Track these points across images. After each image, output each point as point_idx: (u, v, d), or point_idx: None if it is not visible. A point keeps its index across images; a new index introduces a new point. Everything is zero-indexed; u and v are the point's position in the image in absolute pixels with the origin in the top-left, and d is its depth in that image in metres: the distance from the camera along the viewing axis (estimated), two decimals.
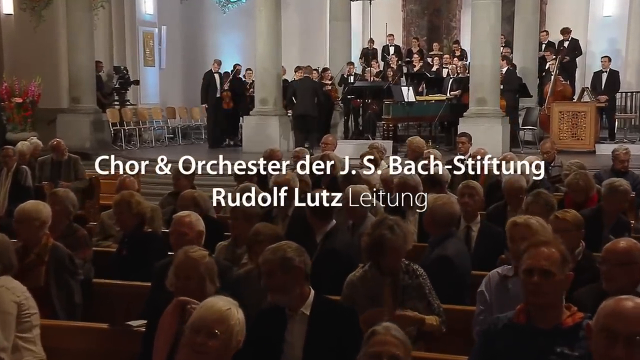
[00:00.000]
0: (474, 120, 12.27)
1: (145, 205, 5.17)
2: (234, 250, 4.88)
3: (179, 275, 3.47)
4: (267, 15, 13.76)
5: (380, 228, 3.72)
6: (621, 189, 5.62)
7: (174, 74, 17.97)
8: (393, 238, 3.68)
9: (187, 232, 4.30)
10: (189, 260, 3.48)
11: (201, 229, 4.37)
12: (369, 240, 3.75)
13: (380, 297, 3.70)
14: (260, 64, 13.99)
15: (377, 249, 3.70)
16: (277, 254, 3.40)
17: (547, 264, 2.86)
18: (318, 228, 4.89)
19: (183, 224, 4.34)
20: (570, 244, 4.27)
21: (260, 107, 14.07)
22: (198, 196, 5.68)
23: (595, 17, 17.81)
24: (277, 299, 3.39)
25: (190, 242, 4.15)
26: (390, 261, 3.72)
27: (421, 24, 20.16)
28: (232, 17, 18.64)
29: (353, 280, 3.84)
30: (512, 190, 5.92)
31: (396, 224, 3.74)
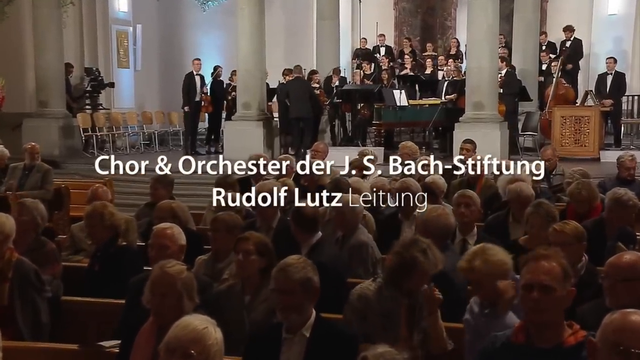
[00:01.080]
0: (470, 126, 12.32)
1: (119, 217, 5.16)
2: (214, 265, 4.89)
3: (155, 292, 3.47)
4: (250, 13, 13.79)
5: (412, 249, 3.73)
6: (630, 203, 5.57)
7: (150, 76, 17.95)
8: (425, 262, 3.70)
9: (169, 244, 4.31)
10: (165, 276, 3.49)
11: (183, 242, 4.39)
12: (398, 260, 3.75)
13: (394, 317, 3.72)
14: (242, 65, 14.01)
15: (405, 271, 3.71)
16: (299, 273, 3.42)
17: (547, 279, 2.88)
18: (303, 241, 4.91)
19: (164, 236, 4.35)
20: (572, 258, 4.29)
21: (242, 112, 14.07)
22: (176, 207, 5.68)
23: (600, 15, 17.91)
24: (290, 319, 3.40)
25: (171, 255, 4.15)
26: (415, 284, 3.74)
27: (414, 23, 20.26)
28: (212, 16, 18.66)
29: (367, 294, 3.84)
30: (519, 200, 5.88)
31: (429, 248, 3.77)
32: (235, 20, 14.23)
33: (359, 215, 5.48)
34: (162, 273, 3.51)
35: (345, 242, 5.34)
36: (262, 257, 4.08)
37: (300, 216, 4.94)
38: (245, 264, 4.09)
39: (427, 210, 4.76)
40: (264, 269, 4.06)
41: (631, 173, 8.21)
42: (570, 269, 3.01)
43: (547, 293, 2.86)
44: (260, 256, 4.08)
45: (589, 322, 2.64)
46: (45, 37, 14.33)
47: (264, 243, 4.20)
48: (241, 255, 4.11)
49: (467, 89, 12.93)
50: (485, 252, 3.64)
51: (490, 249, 3.66)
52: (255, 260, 4.07)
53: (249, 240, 4.16)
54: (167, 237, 4.34)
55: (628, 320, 2.42)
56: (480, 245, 3.76)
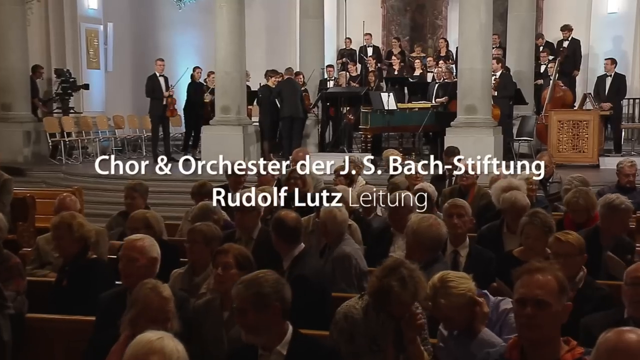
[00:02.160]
0: (462, 131, 12.40)
1: (89, 228, 5.14)
2: (191, 278, 4.89)
3: (145, 317, 3.50)
4: (229, 11, 13.80)
5: (390, 277, 3.69)
6: (622, 207, 5.62)
7: (122, 77, 17.92)
8: (401, 293, 3.66)
9: (138, 257, 4.28)
10: (162, 302, 3.52)
11: (155, 255, 4.37)
12: (375, 286, 3.74)
13: (381, 339, 3.74)
14: (221, 67, 14.01)
15: (382, 298, 3.71)
16: (250, 288, 3.39)
17: (542, 294, 2.89)
18: (285, 252, 4.92)
19: (134, 248, 4.33)
20: (571, 270, 4.34)
21: (221, 116, 14.08)
22: (151, 217, 5.67)
23: (599, 14, 18.07)
24: (251, 340, 3.40)
25: (140, 269, 4.15)
26: (396, 311, 3.73)
27: (403, 22, 20.36)
28: (188, 14, 18.67)
29: (354, 314, 3.84)
30: (513, 209, 5.91)
31: (409, 276, 3.68)
32: (213, 18, 14.23)
33: (343, 226, 5.49)
34: (159, 299, 3.55)
35: (330, 252, 5.36)
36: (243, 270, 4.07)
37: (282, 226, 4.94)
38: (224, 278, 4.09)
39: (416, 220, 4.76)
40: None
41: (630, 180, 8.29)
42: (567, 282, 3.02)
43: (541, 308, 2.87)
44: (241, 269, 4.08)
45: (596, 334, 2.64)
46: (8, 36, 14.27)
47: (244, 255, 4.20)
48: (220, 269, 4.12)
49: (459, 91, 12.99)
50: (446, 285, 3.58)
51: (450, 280, 3.60)
52: (235, 274, 4.06)
53: (228, 252, 4.16)
54: (135, 249, 4.32)
55: (623, 339, 2.44)
56: (438, 277, 3.66)
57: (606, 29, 17.91)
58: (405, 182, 8.22)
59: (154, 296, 3.56)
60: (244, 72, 14.46)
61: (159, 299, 3.55)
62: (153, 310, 3.51)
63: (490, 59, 13.18)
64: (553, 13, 18.42)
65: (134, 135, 17.22)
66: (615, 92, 13.81)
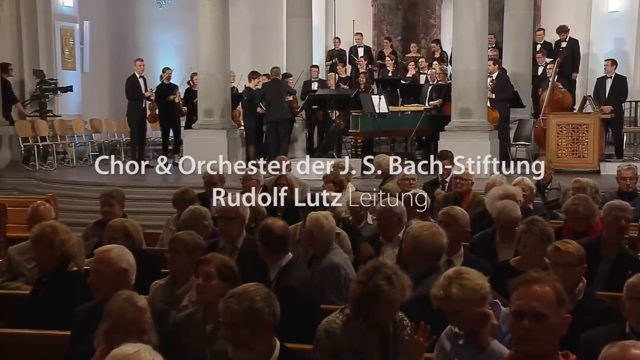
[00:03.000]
0: (456, 135, 12.44)
1: (72, 242, 5.09)
2: (172, 290, 4.88)
3: (119, 330, 3.49)
4: (212, 9, 13.82)
5: (375, 277, 3.76)
6: (624, 207, 5.67)
7: (99, 78, 17.88)
8: (390, 291, 3.73)
9: (104, 269, 4.25)
10: (136, 313, 3.50)
11: (124, 265, 4.32)
12: (360, 290, 3.78)
13: (366, 352, 3.76)
14: (204, 68, 14.02)
15: (369, 301, 3.75)
16: (242, 303, 3.39)
17: (539, 305, 2.91)
18: (272, 262, 4.92)
19: (100, 260, 4.30)
20: (571, 281, 4.36)
21: (204, 120, 14.08)
22: (129, 225, 5.66)
23: (599, 12, 18.14)
24: (240, 356, 3.39)
25: (109, 281, 4.13)
26: (382, 315, 3.78)
27: (395, 21, 20.41)
28: (170, 12, 18.67)
29: (335, 329, 3.85)
30: (501, 219, 5.96)
31: (394, 274, 3.79)
32: (195, 17, 14.25)
33: (330, 234, 5.50)
34: (135, 309, 3.54)
35: (317, 263, 5.37)
36: (225, 281, 4.07)
37: (269, 235, 4.95)
38: (205, 289, 4.09)
39: (417, 227, 4.77)
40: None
41: (628, 184, 8.35)
42: (565, 293, 3.04)
43: (539, 321, 2.89)
44: (223, 280, 4.08)
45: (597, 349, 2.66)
46: None
47: (228, 266, 4.20)
48: (201, 279, 4.11)
49: (453, 94, 13.04)
50: (461, 277, 3.62)
51: (466, 273, 3.65)
52: (218, 285, 4.06)
53: (210, 262, 4.16)
54: (101, 262, 4.28)
55: (627, 354, 2.46)
56: (454, 269, 3.74)
57: (607, 28, 17.97)
58: (397, 189, 8.25)
59: (129, 307, 3.55)
60: (228, 74, 14.48)
61: (134, 309, 3.54)
62: (127, 322, 3.50)
63: (486, 59, 13.23)
64: (551, 12, 18.46)
65: (112, 140, 17.19)
66: (616, 94, 13.83)
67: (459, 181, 8.03)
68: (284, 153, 13.50)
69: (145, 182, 13.08)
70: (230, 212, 5.72)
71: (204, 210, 6.23)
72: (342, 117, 14.67)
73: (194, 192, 7.28)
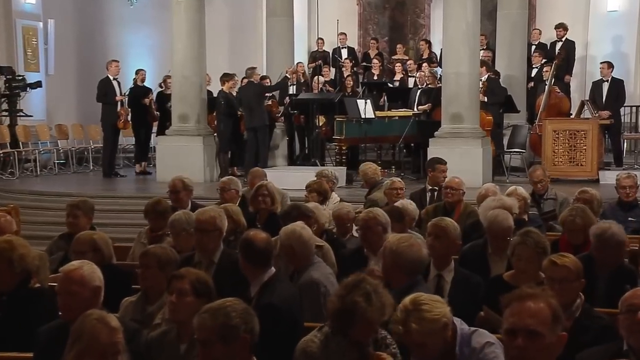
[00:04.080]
0: (447, 142, 12.48)
1: (33, 256, 5.06)
2: (144, 307, 4.87)
3: (92, 353, 3.48)
4: (187, 8, 13.82)
5: (354, 293, 3.76)
6: (615, 240, 5.44)
7: (65, 81, 17.79)
8: (368, 309, 3.73)
9: (79, 290, 4.20)
10: (110, 334, 3.50)
11: (98, 283, 4.30)
12: (337, 306, 3.79)
13: None
14: (178, 70, 14.01)
15: (346, 318, 3.76)
16: (217, 319, 3.39)
17: (533, 323, 2.92)
18: (253, 277, 4.92)
19: (72, 280, 4.24)
20: (568, 297, 4.40)
21: (179, 125, 14.06)
22: (98, 239, 5.64)
23: (598, 12, 18.25)
24: None
25: (85, 302, 4.10)
26: (361, 333, 3.78)
27: (381, 21, 20.47)
28: (141, 10, 18.63)
29: (312, 348, 3.87)
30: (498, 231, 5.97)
31: (374, 291, 3.78)
32: (169, 16, 14.24)
33: (309, 245, 5.50)
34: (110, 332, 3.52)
35: (297, 278, 5.37)
36: (200, 297, 4.07)
37: (250, 248, 4.93)
38: (179, 307, 4.09)
39: (394, 240, 4.79)
40: None
41: (627, 192, 8.35)
42: (561, 310, 3.05)
43: (533, 339, 2.91)
44: (198, 297, 4.08)
45: None
46: None
47: (203, 281, 4.20)
48: (175, 296, 4.11)
49: (444, 98, 13.07)
50: (419, 309, 3.55)
51: (423, 303, 3.58)
52: (192, 302, 4.06)
53: (184, 278, 4.15)
54: (75, 281, 4.23)
55: None
56: (410, 299, 3.64)
57: (606, 28, 18.09)
58: (384, 199, 8.28)
59: (102, 328, 3.52)
60: (204, 76, 14.45)
61: (108, 330, 3.52)
62: (102, 344, 3.48)
63: (479, 61, 13.28)
64: (547, 11, 18.58)
65: (79, 147, 17.10)
66: (614, 98, 13.90)
67: (449, 191, 8.05)
68: (264, 162, 13.48)
69: (116, 192, 13.08)
70: (206, 224, 5.69)
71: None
72: (326, 123, 14.68)
73: (167, 203, 7.27)
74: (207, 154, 14.00)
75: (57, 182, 14.46)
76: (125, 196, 12.47)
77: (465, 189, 8.16)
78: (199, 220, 5.77)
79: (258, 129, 14.14)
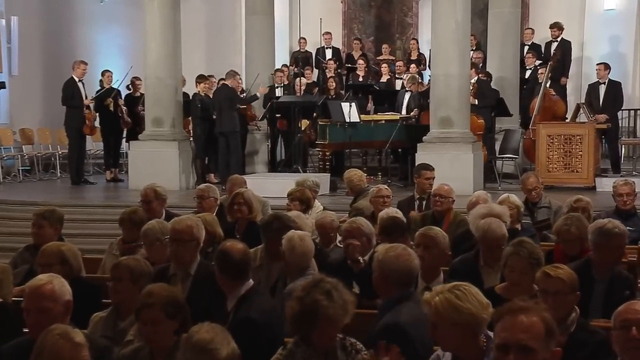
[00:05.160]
0: (436, 147, 12.51)
1: None
2: (115, 323, 4.87)
3: None
4: (161, 6, 13.81)
5: (313, 292, 3.81)
6: (616, 231, 5.65)
7: (30, 82, 17.69)
8: (330, 307, 3.78)
9: (51, 306, 4.20)
10: (74, 350, 3.49)
11: (69, 297, 4.31)
12: (298, 307, 3.83)
13: None
14: (152, 72, 13.99)
15: (308, 319, 3.79)
16: (205, 354, 3.44)
17: (526, 338, 2.95)
18: (230, 291, 4.93)
19: (43, 295, 4.22)
20: (562, 311, 4.41)
21: (152, 130, 14.03)
22: (67, 250, 5.62)
23: (594, 10, 18.43)
24: None
25: (56, 318, 4.09)
26: (324, 336, 3.82)
27: (367, 19, 20.52)
28: (112, 8, 18.59)
29: None
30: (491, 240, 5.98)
31: (334, 289, 3.85)
32: (142, 14, 14.21)
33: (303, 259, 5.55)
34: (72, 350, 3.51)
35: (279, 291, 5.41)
36: (173, 319, 4.09)
37: (227, 260, 4.94)
38: (154, 336, 4.10)
39: (382, 250, 4.81)
40: (176, 329, 4.09)
41: (625, 200, 8.42)
42: (555, 324, 3.07)
43: (526, 355, 2.93)
44: (171, 319, 4.09)
45: None
46: None
47: (173, 302, 4.17)
48: (149, 326, 4.10)
49: (432, 101, 13.11)
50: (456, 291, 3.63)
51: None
52: (166, 326, 4.09)
53: (154, 305, 4.11)
54: (45, 297, 4.21)
55: None
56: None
57: (602, 28, 18.24)
58: (370, 208, 8.30)
59: (64, 344, 3.51)
60: (180, 78, 14.44)
61: (71, 346, 3.51)
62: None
63: (469, 62, 13.31)
64: (541, 9, 18.70)
65: (45, 153, 17.03)
66: (612, 101, 13.92)
67: (438, 199, 8.08)
68: (235, 169, 13.41)
69: (85, 200, 13.02)
70: (182, 234, 5.66)
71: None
72: (309, 127, 14.67)
73: (144, 214, 7.25)
74: (183, 160, 13.98)
75: (22, 190, 14.40)
76: (95, 205, 12.44)
77: (455, 196, 8.19)
78: (174, 229, 5.74)
79: (228, 135, 14.12)
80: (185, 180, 13.88)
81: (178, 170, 13.73)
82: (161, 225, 6.23)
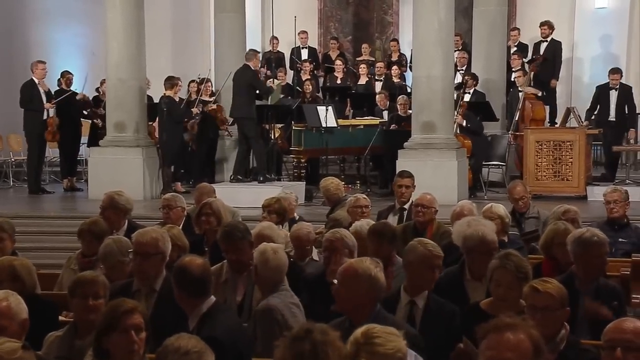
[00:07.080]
0: (418, 154, 12.55)
1: None
2: (72, 342, 4.83)
3: None
4: (124, 3, 13.76)
5: (301, 344, 3.62)
6: (594, 240, 5.67)
7: None
8: None
9: (7, 324, 4.21)
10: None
11: (25, 316, 4.32)
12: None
13: None
14: (113, 73, 13.95)
15: None
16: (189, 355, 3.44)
17: (513, 357, 2.97)
18: (190, 309, 4.92)
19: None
20: (551, 328, 4.42)
21: (114, 135, 13.96)
22: (19, 265, 5.56)
23: (584, 9, 18.51)
24: None
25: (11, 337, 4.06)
26: None
27: (344, 18, 20.53)
28: (71, 5, 18.48)
29: None
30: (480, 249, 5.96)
31: (323, 343, 3.56)
32: (103, 11, 14.15)
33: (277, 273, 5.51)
34: None
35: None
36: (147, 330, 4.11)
37: (184, 276, 4.93)
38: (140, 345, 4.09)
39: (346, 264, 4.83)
40: None
41: (612, 207, 8.40)
42: (543, 342, 3.08)
43: None
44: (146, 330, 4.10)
45: None
46: None
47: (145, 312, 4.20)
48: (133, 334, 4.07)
49: (414, 105, 13.16)
50: (372, 342, 3.56)
51: (377, 336, 3.60)
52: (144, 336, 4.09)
53: (134, 311, 4.11)
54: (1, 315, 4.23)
55: None
56: (362, 330, 3.65)
57: (593, 27, 18.33)
58: (347, 218, 8.28)
59: None
60: (144, 80, 14.39)
61: None
62: None
63: (453, 63, 13.36)
64: (529, 8, 18.75)
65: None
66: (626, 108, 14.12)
67: (420, 209, 8.08)
68: (260, 165, 13.47)
69: (41, 211, 12.93)
70: (147, 247, 5.61)
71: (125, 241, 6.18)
72: (283, 136, 14.66)
73: (105, 225, 7.19)
74: (148, 168, 13.93)
75: None
76: (51, 216, 12.36)
77: (438, 206, 8.19)
78: (138, 242, 5.68)
79: (242, 122, 13.97)
80: (149, 189, 13.81)
81: (142, 179, 13.66)
82: (119, 244, 6.16)
